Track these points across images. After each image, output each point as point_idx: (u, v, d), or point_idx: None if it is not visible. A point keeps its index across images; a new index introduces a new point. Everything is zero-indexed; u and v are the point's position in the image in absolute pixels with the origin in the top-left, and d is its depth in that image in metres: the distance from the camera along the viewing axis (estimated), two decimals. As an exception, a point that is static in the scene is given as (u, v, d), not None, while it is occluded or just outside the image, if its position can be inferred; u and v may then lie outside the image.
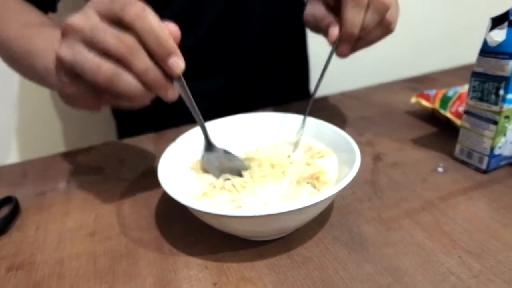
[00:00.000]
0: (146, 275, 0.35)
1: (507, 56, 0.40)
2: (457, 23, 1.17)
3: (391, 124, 0.59)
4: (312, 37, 0.78)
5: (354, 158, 0.37)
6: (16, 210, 0.44)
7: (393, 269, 0.34)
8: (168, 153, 0.42)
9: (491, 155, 0.44)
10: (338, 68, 0.72)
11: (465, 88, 0.54)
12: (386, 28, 0.45)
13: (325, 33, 0.45)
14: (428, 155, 0.50)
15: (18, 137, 0.83)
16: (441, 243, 0.36)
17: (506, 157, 0.46)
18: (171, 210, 0.43)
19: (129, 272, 0.35)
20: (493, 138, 0.43)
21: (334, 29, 0.43)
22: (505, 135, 0.44)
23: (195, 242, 0.38)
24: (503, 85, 0.41)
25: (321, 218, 0.40)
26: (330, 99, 0.69)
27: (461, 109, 0.52)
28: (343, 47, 0.44)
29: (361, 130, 0.57)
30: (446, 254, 0.35)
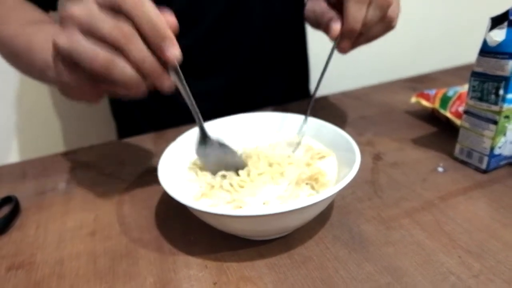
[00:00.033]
0: (146, 275, 0.35)
1: (507, 56, 0.40)
2: (457, 23, 1.17)
3: (391, 124, 0.59)
4: (312, 37, 0.78)
5: (354, 158, 0.37)
6: (16, 210, 0.44)
7: (393, 269, 0.34)
8: (168, 153, 0.42)
9: (491, 155, 0.44)
10: (338, 68, 0.72)
11: (465, 88, 0.54)
12: (388, 25, 0.45)
13: (326, 29, 0.45)
14: (428, 155, 0.50)
15: (18, 137, 0.83)
16: (441, 243, 0.36)
17: (506, 157, 0.46)
18: (171, 210, 0.43)
19: (129, 272, 0.35)
20: (493, 138, 0.43)
21: (336, 25, 0.43)
22: (505, 135, 0.44)
23: (195, 242, 0.38)
24: (503, 85, 0.41)
25: (321, 218, 0.40)
26: (330, 99, 0.69)
27: (461, 109, 0.52)
28: (345, 43, 0.44)
29: (361, 130, 0.57)
30: (446, 254, 0.35)
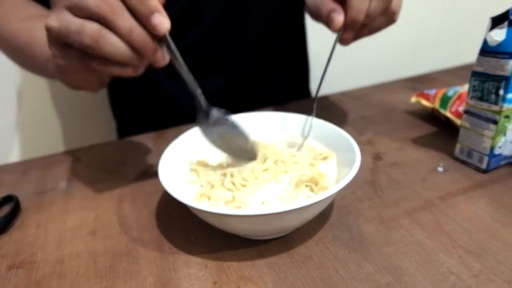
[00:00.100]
0: (147, 274, 0.35)
1: (507, 56, 0.40)
2: (457, 23, 1.17)
3: (391, 124, 0.59)
4: (312, 37, 0.78)
5: (354, 158, 0.37)
6: (17, 209, 0.44)
7: (393, 268, 0.34)
8: (169, 152, 0.42)
9: (491, 155, 0.44)
10: (339, 68, 0.72)
11: (465, 88, 0.54)
12: (390, 18, 0.45)
13: (327, 21, 0.44)
14: (428, 155, 0.50)
15: (19, 137, 0.83)
16: (441, 243, 0.36)
17: (506, 157, 0.46)
18: (172, 209, 0.43)
19: (130, 271, 0.35)
20: (493, 138, 0.43)
21: (339, 16, 0.42)
22: (505, 135, 0.44)
23: (195, 241, 0.38)
24: (503, 85, 0.41)
25: (321, 217, 0.40)
26: (330, 99, 0.69)
27: (461, 109, 0.52)
28: (347, 34, 0.44)
29: (361, 130, 0.57)
30: (446, 254, 0.35)
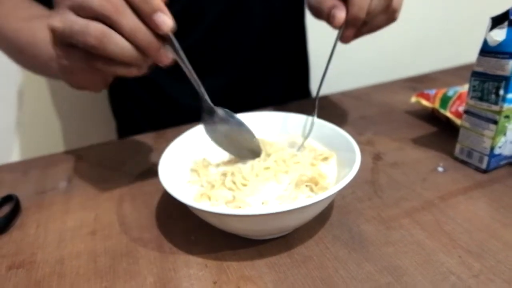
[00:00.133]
0: (147, 274, 0.35)
1: (507, 56, 0.40)
2: (457, 23, 1.17)
3: (391, 124, 0.59)
4: (312, 37, 0.78)
5: (354, 158, 0.37)
6: (17, 209, 0.44)
7: (393, 268, 0.34)
8: (169, 152, 0.42)
9: (491, 155, 0.44)
10: (339, 68, 0.72)
11: (465, 88, 0.54)
12: (391, 15, 0.45)
13: (328, 17, 0.44)
14: (428, 155, 0.50)
15: (19, 137, 0.83)
16: (441, 243, 0.36)
17: (506, 157, 0.46)
18: (172, 209, 0.43)
19: (130, 271, 0.35)
20: (493, 138, 0.43)
21: (341, 12, 0.42)
22: (505, 135, 0.44)
23: (195, 241, 0.38)
24: (503, 85, 0.41)
25: (321, 217, 0.40)
26: (331, 99, 0.69)
27: (461, 109, 0.52)
28: (348, 31, 0.44)
29: (361, 130, 0.57)
30: (446, 254, 0.35)
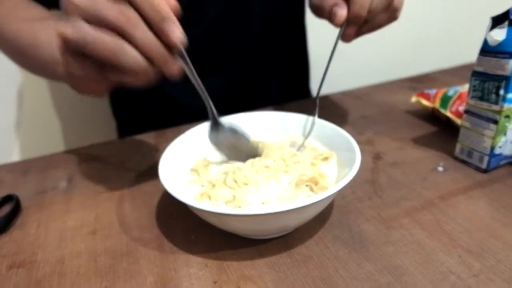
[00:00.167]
0: (147, 274, 0.35)
1: (508, 56, 0.40)
2: (457, 23, 1.17)
3: (391, 123, 0.59)
4: (313, 37, 0.78)
5: (354, 158, 0.37)
6: (17, 209, 0.44)
7: (393, 268, 0.34)
8: (169, 152, 0.42)
9: (491, 155, 0.44)
10: (339, 68, 0.72)
11: (466, 88, 0.54)
12: (392, 14, 0.45)
13: (329, 16, 0.44)
14: (428, 154, 0.50)
15: (19, 137, 0.83)
16: (441, 242, 0.36)
17: (506, 157, 0.46)
18: (172, 209, 0.43)
19: (130, 271, 0.35)
20: (494, 138, 0.43)
21: (342, 11, 0.42)
22: (506, 135, 0.44)
23: (195, 241, 0.38)
24: (504, 85, 0.41)
25: (322, 217, 0.40)
26: (331, 98, 0.69)
27: (462, 109, 0.52)
28: (350, 30, 0.44)
29: (361, 129, 0.58)
30: (446, 253, 0.35)
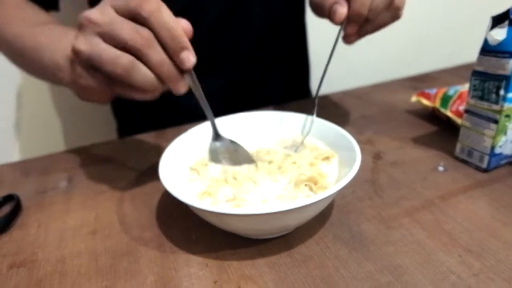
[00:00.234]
0: (147, 273, 0.35)
1: (508, 55, 0.40)
2: (458, 22, 1.17)
3: (392, 123, 0.59)
4: (313, 37, 0.78)
5: (355, 157, 0.37)
6: (18, 209, 0.44)
7: (393, 268, 0.34)
8: (169, 152, 0.42)
9: (492, 154, 0.44)
10: (339, 67, 0.72)
11: (466, 87, 0.54)
12: (394, 13, 0.44)
13: (330, 14, 0.44)
14: (429, 154, 0.50)
15: (20, 137, 0.83)
16: (441, 242, 0.36)
17: (507, 156, 0.46)
18: (172, 209, 0.43)
19: (130, 270, 0.35)
20: (494, 137, 0.43)
21: (342, 8, 0.42)
22: (506, 134, 0.44)
23: (196, 240, 0.38)
24: (504, 84, 0.41)
25: (322, 217, 0.40)
26: (331, 98, 0.69)
27: (462, 108, 0.52)
28: (350, 28, 0.44)
29: (362, 129, 0.57)
30: (446, 253, 0.35)
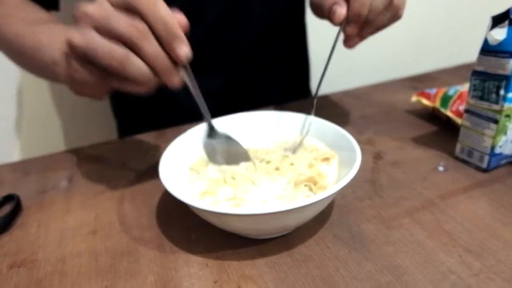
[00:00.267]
0: (147, 273, 0.35)
1: (508, 55, 0.40)
2: (458, 22, 1.17)
3: (392, 123, 0.59)
4: (313, 37, 0.78)
5: (355, 157, 0.37)
6: (18, 208, 0.44)
7: (393, 268, 0.34)
8: (169, 152, 0.42)
9: (492, 154, 0.44)
10: (339, 67, 0.72)
11: (466, 87, 0.54)
12: (394, 13, 0.44)
13: (329, 14, 0.43)
14: (429, 154, 0.50)
15: (19, 137, 0.83)
16: (441, 242, 0.36)
17: (507, 156, 0.46)
18: (172, 209, 0.43)
19: (130, 270, 0.35)
20: (494, 137, 0.43)
21: (342, 9, 0.42)
22: (506, 134, 0.44)
23: (196, 240, 0.38)
24: (504, 84, 0.41)
25: (322, 217, 0.40)
26: (331, 98, 0.69)
27: (462, 108, 0.52)
28: (350, 29, 0.44)
29: (362, 129, 0.57)
30: (446, 253, 0.35)
